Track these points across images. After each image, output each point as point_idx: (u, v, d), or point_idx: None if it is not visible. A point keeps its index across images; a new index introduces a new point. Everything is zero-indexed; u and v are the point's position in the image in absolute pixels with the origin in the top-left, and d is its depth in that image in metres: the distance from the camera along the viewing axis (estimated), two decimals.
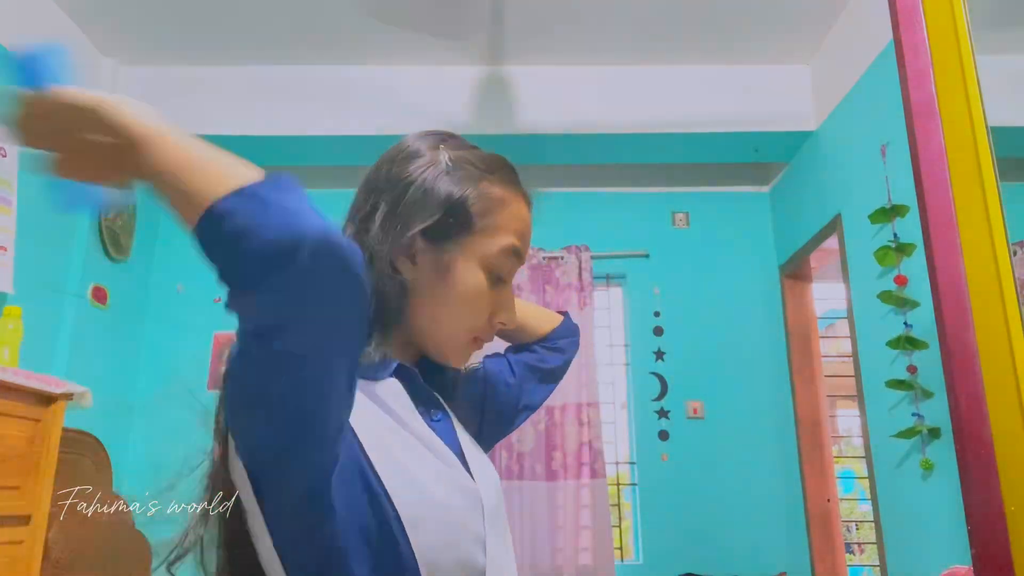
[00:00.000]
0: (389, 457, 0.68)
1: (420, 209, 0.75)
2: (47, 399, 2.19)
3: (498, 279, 0.78)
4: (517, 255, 0.78)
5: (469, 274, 0.76)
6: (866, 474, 2.82)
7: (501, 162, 0.81)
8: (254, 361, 0.58)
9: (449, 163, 0.77)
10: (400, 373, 0.77)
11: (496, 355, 0.99)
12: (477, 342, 0.80)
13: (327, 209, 0.82)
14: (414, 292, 0.76)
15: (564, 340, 1.03)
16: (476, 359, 0.90)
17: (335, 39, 3.22)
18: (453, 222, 0.75)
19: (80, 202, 0.64)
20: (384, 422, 0.71)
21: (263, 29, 3.14)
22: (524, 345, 1.01)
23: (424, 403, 0.77)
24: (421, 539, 0.65)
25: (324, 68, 3.39)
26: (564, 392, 3.42)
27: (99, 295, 3.23)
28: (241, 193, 0.53)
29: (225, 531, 0.68)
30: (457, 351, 0.79)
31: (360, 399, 0.69)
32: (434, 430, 0.75)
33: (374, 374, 0.74)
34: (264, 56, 3.34)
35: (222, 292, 0.58)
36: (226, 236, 0.53)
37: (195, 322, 3.63)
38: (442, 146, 0.79)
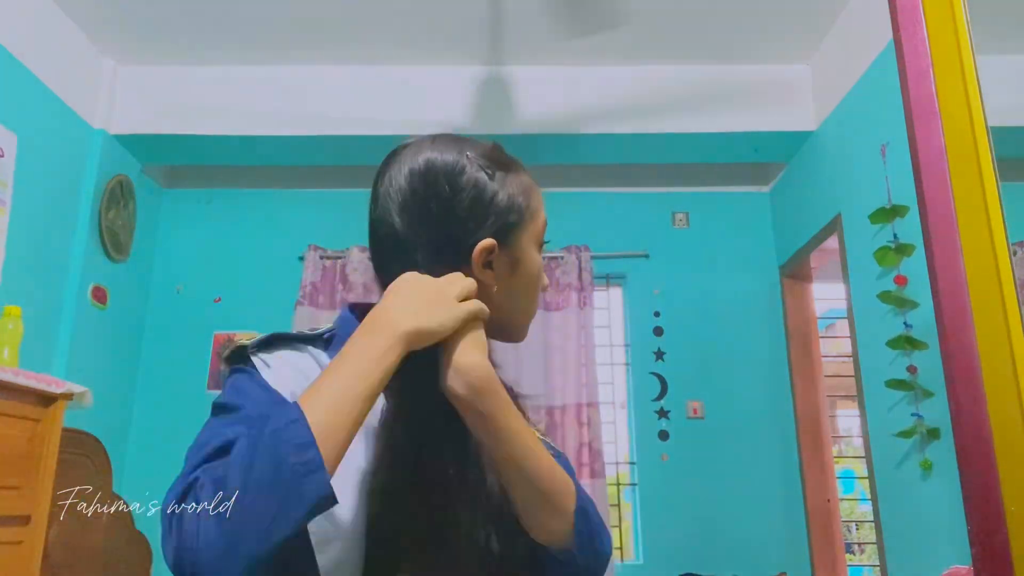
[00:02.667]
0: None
1: (485, 220, 0.79)
2: (47, 399, 2.19)
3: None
4: (546, 225, 0.87)
5: (533, 258, 0.84)
6: (866, 474, 2.82)
7: (502, 150, 0.86)
8: None
9: (487, 169, 0.80)
10: None
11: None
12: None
13: (329, 208, 0.83)
14: (493, 294, 0.80)
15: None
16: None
17: (335, 39, 3.22)
18: (514, 220, 0.81)
19: None
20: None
21: (263, 29, 3.14)
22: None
23: None
24: (326, 557, 0.69)
25: (324, 68, 3.39)
26: (564, 392, 3.42)
27: (99, 295, 3.23)
28: None
29: None
30: (527, 326, 0.87)
31: None
32: None
33: None
34: (264, 56, 3.34)
35: None
36: None
37: (195, 322, 3.63)
38: (469, 154, 0.81)
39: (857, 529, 4.83)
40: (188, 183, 3.88)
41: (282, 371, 0.74)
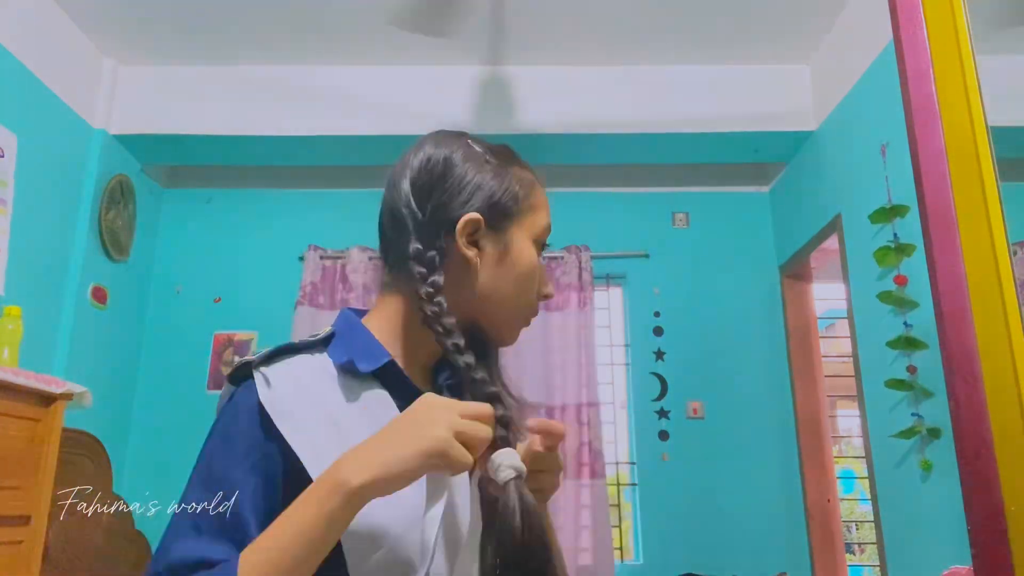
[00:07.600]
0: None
1: (473, 200, 0.81)
2: (47, 399, 2.19)
3: (540, 254, 0.84)
4: (549, 231, 0.86)
5: (526, 251, 0.82)
6: (866, 474, 2.82)
7: (511, 150, 0.88)
8: None
9: (487, 157, 0.83)
10: (391, 378, 0.78)
11: None
12: (528, 319, 0.85)
13: (329, 208, 0.82)
14: (478, 276, 0.81)
15: None
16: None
17: (335, 39, 3.22)
18: (507, 205, 0.82)
19: None
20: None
21: (263, 29, 3.14)
22: None
23: None
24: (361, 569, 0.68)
25: (324, 68, 3.39)
26: (564, 392, 3.43)
27: (99, 295, 3.23)
28: None
29: None
30: (516, 327, 0.84)
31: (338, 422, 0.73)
32: None
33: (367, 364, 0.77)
34: (264, 56, 3.34)
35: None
36: None
37: (195, 322, 3.63)
38: (469, 141, 0.85)
39: (857, 529, 4.83)
40: (188, 183, 3.88)
41: (281, 388, 0.73)
